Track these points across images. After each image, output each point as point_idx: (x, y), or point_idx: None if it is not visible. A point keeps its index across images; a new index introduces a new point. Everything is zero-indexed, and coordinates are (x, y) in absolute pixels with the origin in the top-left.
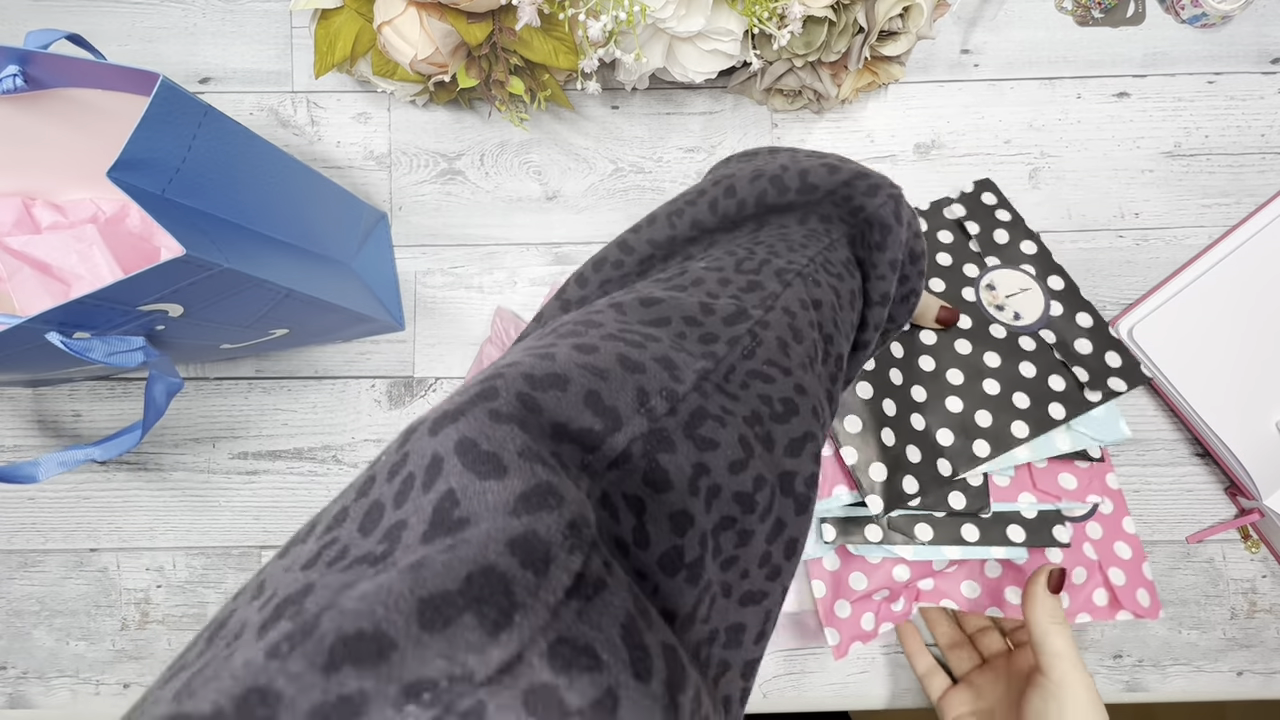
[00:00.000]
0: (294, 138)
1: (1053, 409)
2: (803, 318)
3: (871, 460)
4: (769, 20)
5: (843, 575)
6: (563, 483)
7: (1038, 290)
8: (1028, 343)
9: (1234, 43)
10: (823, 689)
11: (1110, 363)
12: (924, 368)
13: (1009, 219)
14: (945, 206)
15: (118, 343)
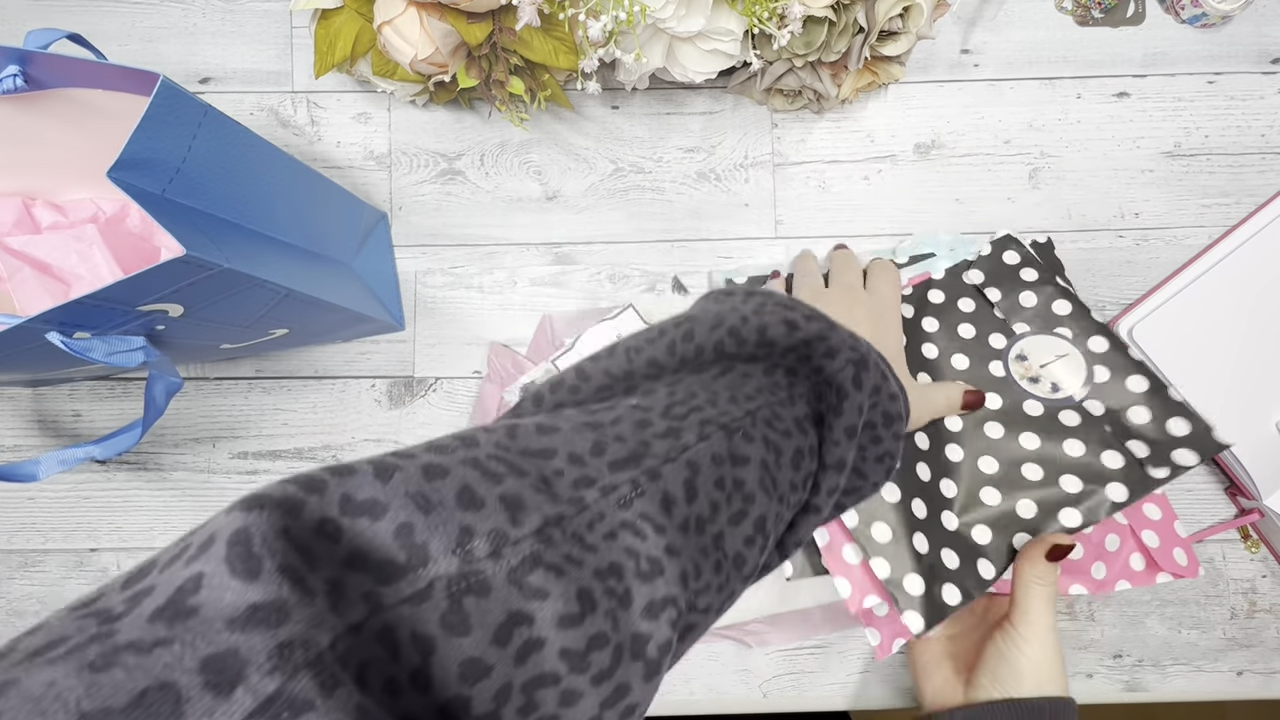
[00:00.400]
0: (294, 138)
1: (1111, 490)
2: (709, 474)
3: (906, 572)
4: (769, 20)
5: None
6: (301, 604)
7: (1077, 355)
8: (1070, 417)
9: (1234, 43)
10: (823, 689)
11: (1174, 431)
12: (952, 458)
13: (1036, 278)
14: (964, 271)
15: (118, 343)
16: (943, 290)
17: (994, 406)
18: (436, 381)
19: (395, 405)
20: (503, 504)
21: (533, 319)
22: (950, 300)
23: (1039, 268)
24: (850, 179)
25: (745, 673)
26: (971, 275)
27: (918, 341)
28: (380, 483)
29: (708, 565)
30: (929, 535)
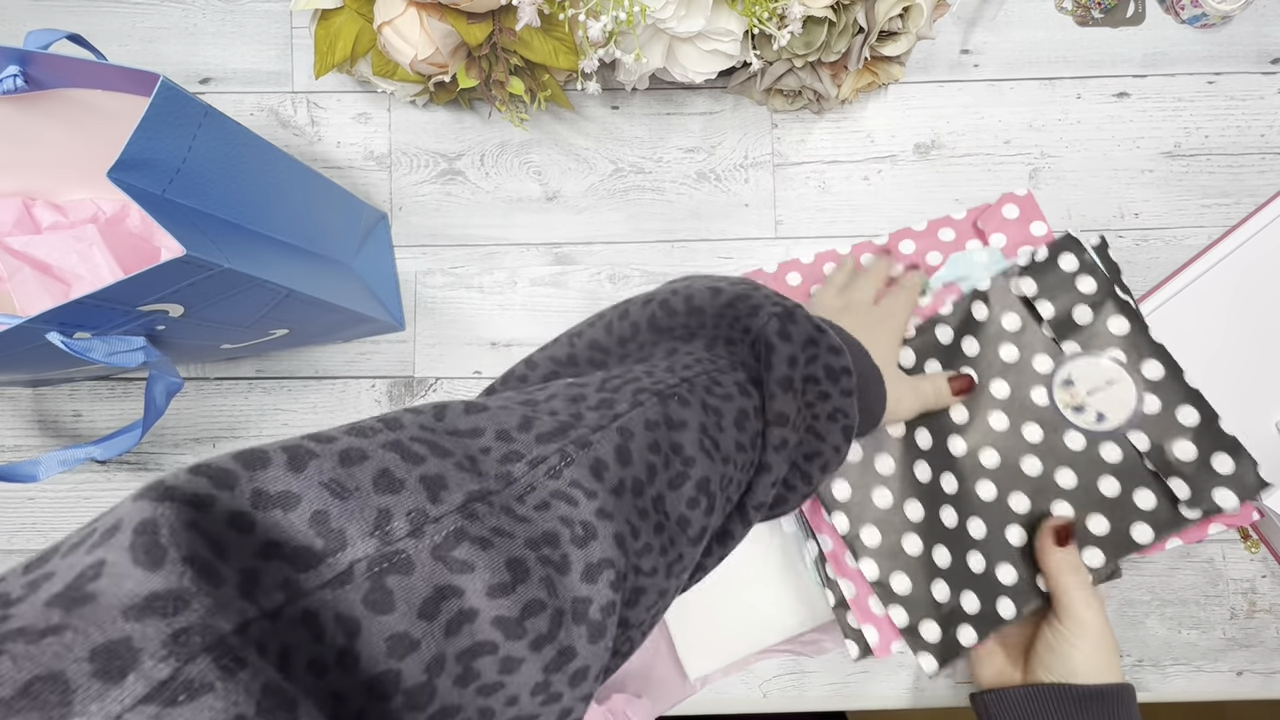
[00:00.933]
0: (294, 138)
1: (1136, 532)
2: (643, 439)
3: (922, 618)
4: (769, 20)
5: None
6: (202, 592)
7: (1128, 383)
8: (1112, 452)
9: (1234, 43)
10: (823, 689)
11: (1219, 468)
12: (984, 497)
13: (1094, 289)
14: (1012, 278)
15: (118, 343)
16: (987, 304)
17: (1034, 440)
18: (436, 381)
19: (395, 405)
20: (423, 484)
21: (533, 319)
22: (995, 315)
23: (1099, 277)
24: (850, 179)
25: (745, 673)
26: (1023, 285)
27: (956, 366)
28: (293, 473)
29: (646, 527)
30: (950, 581)
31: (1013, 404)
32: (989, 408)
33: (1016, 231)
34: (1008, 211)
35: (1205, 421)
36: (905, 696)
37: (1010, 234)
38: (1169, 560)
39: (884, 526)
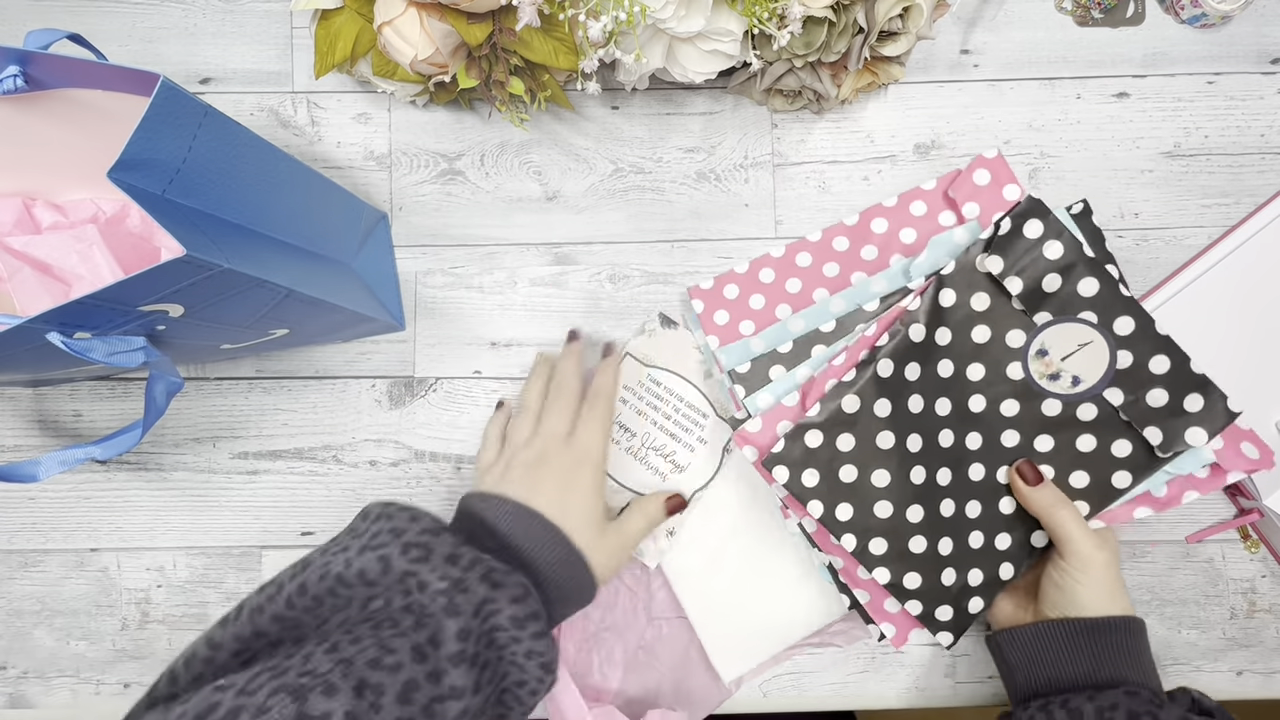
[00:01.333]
0: (294, 138)
1: (1116, 479)
2: None
3: (936, 605)
4: (769, 21)
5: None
6: None
7: (1101, 342)
8: (1087, 410)
9: (1234, 43)
10: (823, 688)
11: (1190, 408)
12: (974, 478)
13: (1061, 254)
14: (980, 257)
15: (118, 343)
16: (954, 289)
17: (1011, 413)
18: (436, 381)
19: (395, 405)
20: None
21: (533, 319)
22: (963, 300)
23: (1066, 240)
24: (850, 179)
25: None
26: (989, 263)
27: (933, 361)
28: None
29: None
30: (956, 564)
31: (989, 384)
32: (968, 393)
33: (989, 198)
34: (979, 178)
35: (1176, 366)
36: (905, 696)
37: (983, 201)
38: (1169, 560)
39: (890, 535)
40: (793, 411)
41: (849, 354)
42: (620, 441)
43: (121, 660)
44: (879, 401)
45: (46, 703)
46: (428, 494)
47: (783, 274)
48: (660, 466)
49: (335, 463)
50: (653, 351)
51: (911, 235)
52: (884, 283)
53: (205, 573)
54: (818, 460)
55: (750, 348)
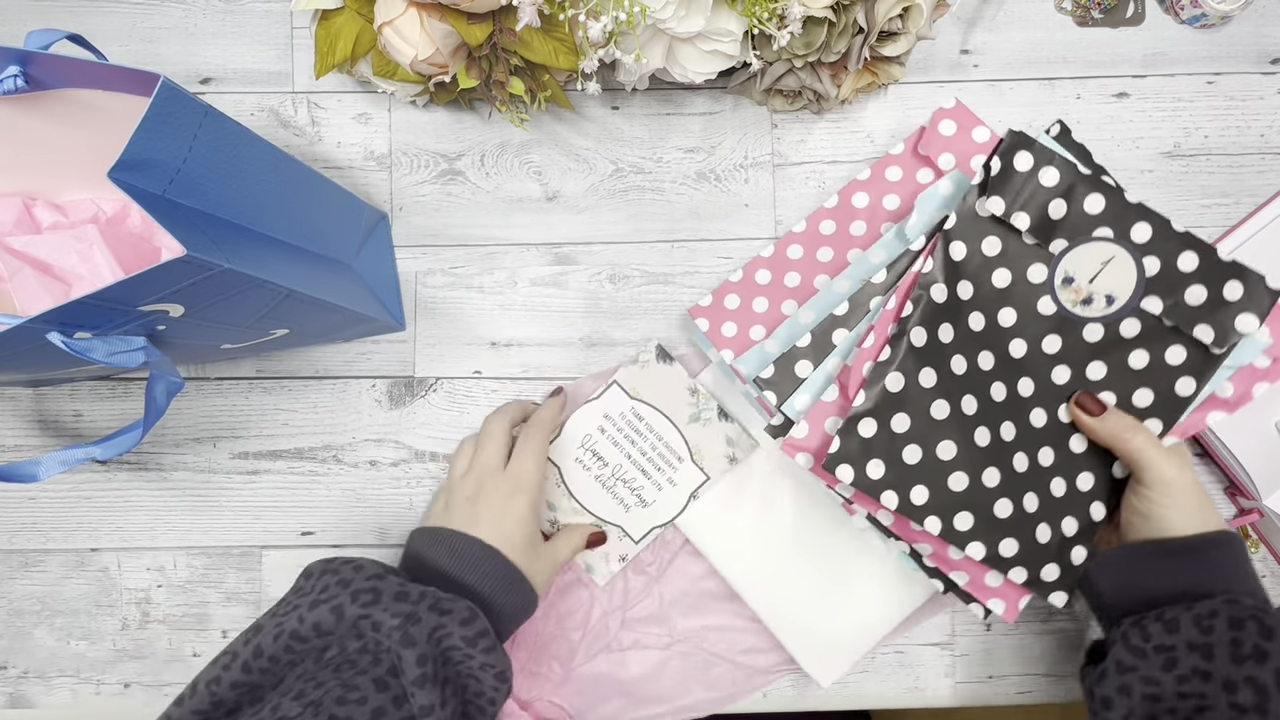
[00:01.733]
0: (294, 138)
1: (1180, 387)
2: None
3: (1041, 565)
4: (769, 21)
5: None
6: None
7: (1123, 255)
8: (1130, 326)
9: (1234, 43)
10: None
11: (1230, 296)
12: (1038, 424)
13: (1058, 179)
14: (979, 201)
15: (119, 343)
16: (962, 240)
17: (1054, 349)
18: (437, 381)
19: (395, 405)
20: None
21: (533, 319)
22: (974, 249)
23: (1059, 163)
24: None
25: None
26: (990, 205)
27: (963, 317)
28: None
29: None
30: (1047, 518)
31: (1024, 326)
32: (1006, 340)
33: (961, 145)
34: (944, 129)
35: (1205, 259)
36: (905, 696)
37: (956, 150)
38: None
39: (972, 506)
40: (835, 406)
41: (877, 332)
42: (590, 468)
43: (122, 660)
44: (923, 372)
45: (46, 703)
46: (427, 494)
47: (779, 271)
48: (626, 498)
49: (335, 463)
50: (642, 385)
51: (895, 201)
52: (883, 252)
53: (206, 573)
54: (878, 449)
55: (766, 351)
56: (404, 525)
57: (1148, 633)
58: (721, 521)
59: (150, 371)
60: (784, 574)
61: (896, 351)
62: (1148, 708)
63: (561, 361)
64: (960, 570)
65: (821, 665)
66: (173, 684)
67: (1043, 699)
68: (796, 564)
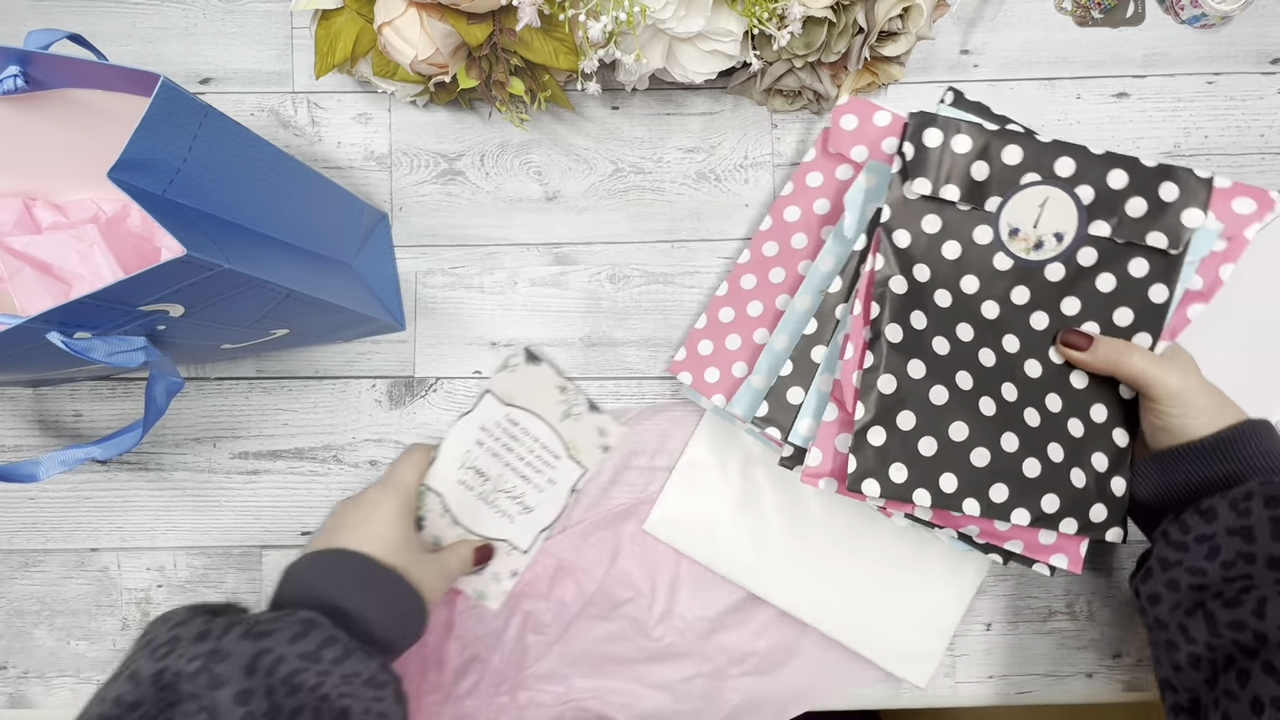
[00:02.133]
0: (294, 138)
1: (1154, 294)
2: None
3: (1085, 510)
4: (769, 21)
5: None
6: None
7: (1056, 193)
8: (1087, 255)
9: (1234, 43)
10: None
11: (1168, 197)
12: (1034, 375)
13: (970, 144)
14: (906, 184)
15: (119, 343)
16: (903, 227)
17: (1024, 300)
18: (437, 381)
19: (395, 405)
20: None
21: (533, 319)
22: (917, 232)
23: (967, 127)
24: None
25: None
26: (917, 186)
27: (929, 299)
28: None
29: None
30: (1077, 461)
31: (989, 287)
32: (976, 306)
33: (867, 134)
34: (846, 123)
35: (1133, 172)
36: (905, 696)
37: (865, 140)
38: None
39: (1002, 475)
40: (839, 423)
41: (853, 341)
42: (474, 487)
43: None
44: (910, 364)
45: (46, 703)
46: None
47: (739, 305)
48: (509, 509)
49: (335, 463)
50: (514, 390)
51: (824, 205)
52: (830, 259)
53: (205, 573)
54: (894, 452)
55: (754, 387)
56: None
57: (1187, 525)
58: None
59: (150, 371)
60: (838, 585)
61: (878, 354)
62: (1195, 596)
63: (561, 361)
64: (1013, 539)
65: (914, 666)
66: None
67: (1043, 699)
68: (840, 572)
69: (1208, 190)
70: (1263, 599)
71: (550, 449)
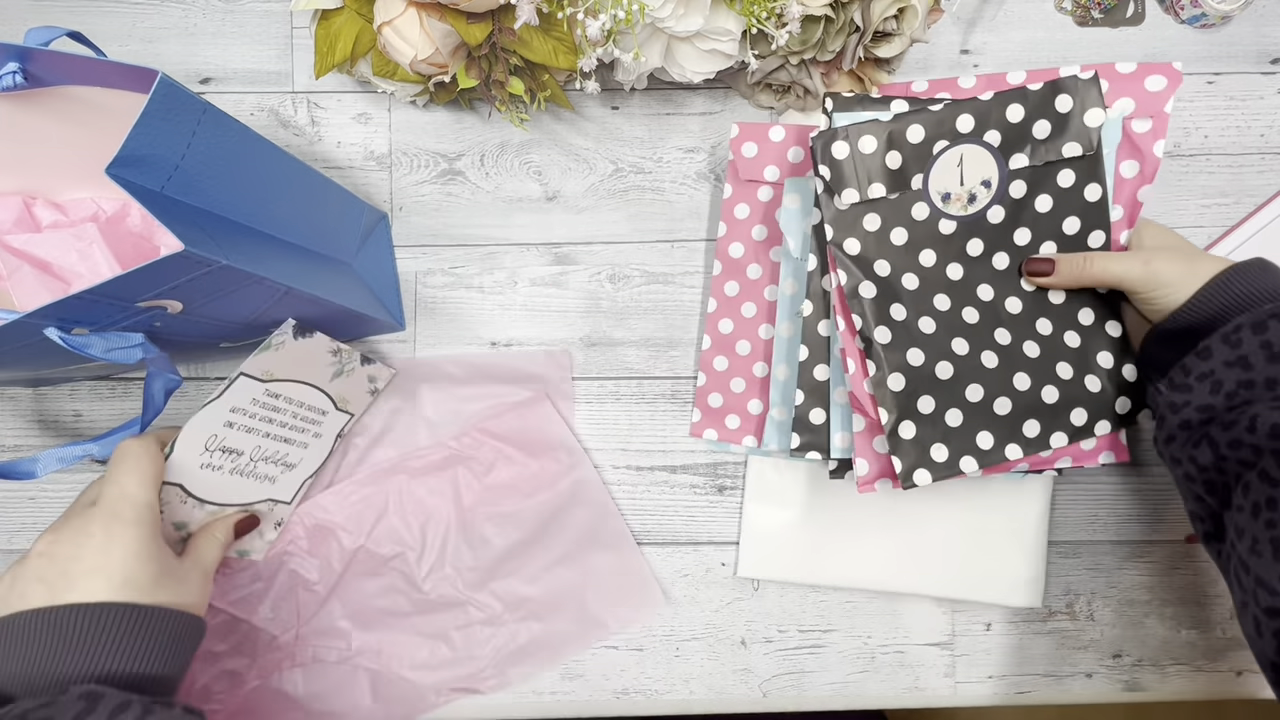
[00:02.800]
0: (294, 138)
1: (1089, 193)
2: None
3: (1111, 407)
4: (767, 20)
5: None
6: None
7: (970, 148)
8: (1018, 188)
9: (1234, 43)
10: (823, 688)
11: (1065, 109)
12: (1015, 310)
13: (874, 142)
14: (834, 202)
15: (116, 339)
16: (849, 235)
17: (979, 250)
18: None
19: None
20: None
21: (533, 319)
22: (864, 234)
23: (867, 128)
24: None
25: (745, 672)
26: (846, 198)
27: (899, 290)
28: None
29: None
30: (1086, 369)
31: (946, 252)
32: (942, 274)
33: (772, 153)
34: (747, 151)
35: (1025, 101)
36: (905, 696)
37: (771, 159)
38: (1169, 560)
39: (1027, 413)
40: (869, 429)
41: (850, 356)
42: (224, 466)
43: None
44: (909, 354)
45: None
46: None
47: (727, 349)
48: (270, 472)
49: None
50: (277, 366)
51: (762, 231)
52: (791, 281)
53: None
54: (929, 436)
55: (777, 420)
56: None
57: (1187, 368)
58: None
59: (148, 368)
60: (923, 551)
61: (877, 359)
62: (1203, 430)
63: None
64: (1061, 459)
65: (1024, 591)
66: None
67: (1042, 699)
68: (925, 536)
69: (1097, 87)
70: (1255, 415)
71: (317, 407)
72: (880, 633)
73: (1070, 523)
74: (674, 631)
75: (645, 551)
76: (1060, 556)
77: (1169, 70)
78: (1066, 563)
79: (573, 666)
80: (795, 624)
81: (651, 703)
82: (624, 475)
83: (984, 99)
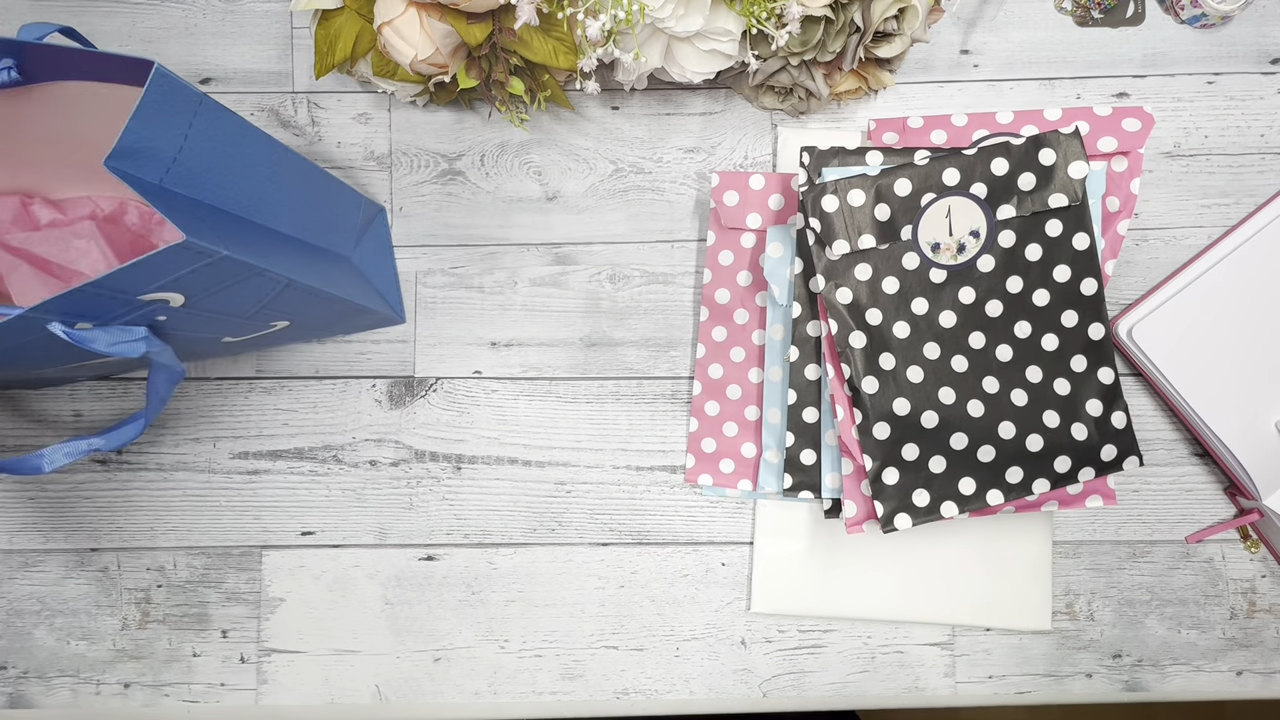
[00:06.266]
0: (295, 138)
1: (1077, 242)
2: None
3: (1098, 451)
4: (767, 21)
5: None
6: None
7: (957, 200)
8: (1007, 238)
9: (1234, 43)
10: (823, 688)
11: (1048, 161)
12: (1005, 359)
13: (862, 196)
14: (825, 254)
15: (120, 333)
16: (841, 284)
17: (971, 299)
18: (437, 381)
19: (395, 405)
20: None
21: (533, 319)
22: (855, 283)
23: (855, 181)
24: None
25: (745, 673)
26: (837, 248)
27: (889, 338)
28: None
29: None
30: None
31: (937, 301)
32: (933, 322)
33: (754, 201)
34: (729, 199)
35: (1009, 155)
36: (905, 696)
37: (753, 207)
38: (1169, 560)
39: (1011, 460)
40: (856, 472)
41: (838, 402)
42: None
43: (121, 660)
44: (896, 403)
45: (46, 703)
46: (428, 494)
47: (717, 394)
48: None
49: (335, 463)
50: None
51: (747, 277)
52: (779, 327)
53: (205, 573)
54: (911, 482)
55: (770, 462)
56: (404, 525)
57: None
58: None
59: (151, 363)
60: (933, 580)
61: (863, 407)
62: None
63: (561, 361)
64: (1046, 502)
65: (1033, 615)
66: (172, 684)
67: (1042, 699)
68: (934, 565)
69: (1079, 140)
70: None
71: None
72: (880, 633)
73: (1070, 523)
74: (674, 631)
75: (645, 551)
76: (1060, 556)
77: (1142, 114)
78: (1066, 563)
79: (573, 666)
80: (795, 624)
81: (651, 703)
82: (624, 475)
83: (968, 153)
